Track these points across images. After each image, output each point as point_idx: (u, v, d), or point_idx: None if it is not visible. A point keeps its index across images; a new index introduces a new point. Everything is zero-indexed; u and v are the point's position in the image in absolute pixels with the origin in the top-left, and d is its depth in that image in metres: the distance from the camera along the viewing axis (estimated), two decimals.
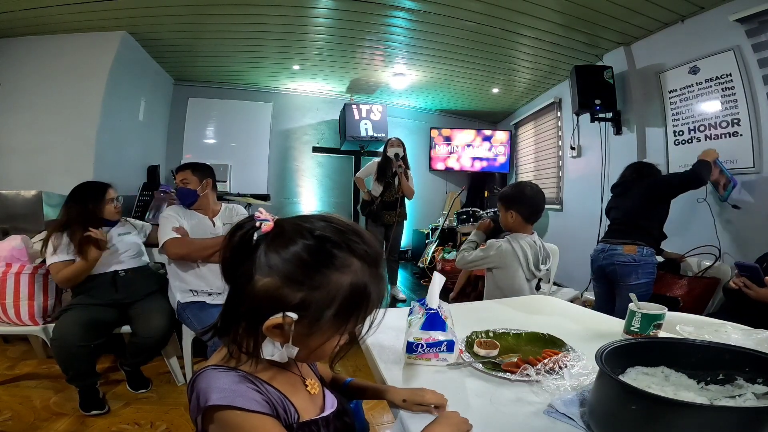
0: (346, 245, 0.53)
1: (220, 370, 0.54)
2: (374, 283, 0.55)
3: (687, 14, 2.84)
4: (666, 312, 0.99)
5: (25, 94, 3.15)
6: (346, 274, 0.52)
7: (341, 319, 0.53)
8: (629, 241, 2.16)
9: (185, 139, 4.68)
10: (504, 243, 1.68)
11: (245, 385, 0.52)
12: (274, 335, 0.52)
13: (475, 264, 1.76)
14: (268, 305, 0.51)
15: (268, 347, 0.53)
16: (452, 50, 3.69)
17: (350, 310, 0.53)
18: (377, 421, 1.73)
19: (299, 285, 0.50)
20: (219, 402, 0.49)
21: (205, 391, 0.50)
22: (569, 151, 4.14)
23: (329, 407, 0.64)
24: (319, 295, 0.51)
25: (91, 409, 1.71)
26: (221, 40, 3.60)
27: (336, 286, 0.51)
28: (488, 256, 1.69)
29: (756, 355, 0.65)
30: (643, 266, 2.12)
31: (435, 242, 4.63)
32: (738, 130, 2.63)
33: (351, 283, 0.52)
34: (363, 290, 0.53)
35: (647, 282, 2.12)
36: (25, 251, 2.05)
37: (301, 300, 0.50)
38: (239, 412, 0.49)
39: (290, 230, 0.53)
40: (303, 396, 0.61)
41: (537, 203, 1.73)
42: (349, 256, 0.53)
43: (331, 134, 5.28)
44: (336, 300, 0.51)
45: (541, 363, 0.82)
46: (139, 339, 1.81)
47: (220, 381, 0.51)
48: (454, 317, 0.97)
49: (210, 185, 2.01)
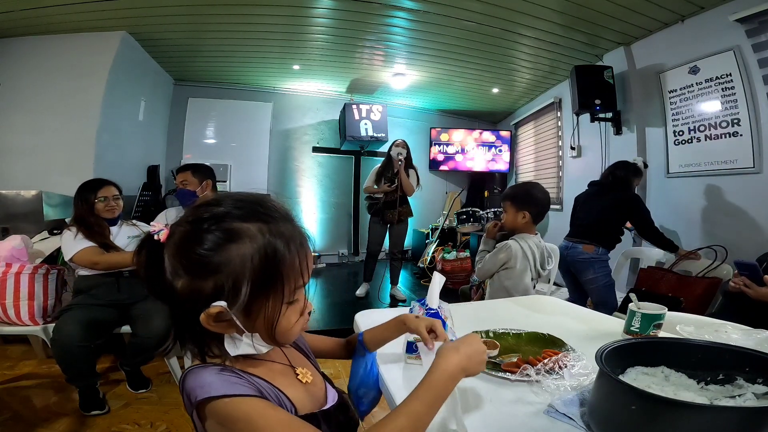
0: (228, 216, 0.51)
1: (204, 366, 0.53)
2: (281, 239, 0.52)
3: (687, 14, 2.84)
4: (666, 312, 0.99)
5: (25, 94, 3.15)
6: (243, 243, 0.50)
7: (268, 287, 0.51)
8: (588, 241, 2.46)
9: (185, 139, 4.68)
10: (514, 243, 1.68)
11: (227, 374, 0.51)
12: (224, 329, 0.52)
13: (494, 270, 1.72)
14: (194, 304, 0.50)
15: (230, 343, 0.53)
16: (452, 50, 3.69)
17: (270, 274, 0.51)
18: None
19: (204, 273, 0.49)
20: (206, 395, 0.48)
21: (192, 388, 0.50)
22: (569, 151, 4.14)
23: (330, 401, 0.64)
24: (228, 274, 0.49)
25: (91, 410, 1.71)
26: (221, 40, 3.60)
27: (239, 258, 0.49)
28: (503, 257, 1.68)
29: (756, 355, 0.65)
30: (599, 263, 2.45)
31: (435, 242, 4.63)
32: (738, 130, 2.63)
33: (256, 248, 0.50)
34: (271, 251, 0.51)
35: (604, 274, 2.46)
36: (25, 251, 2.05)
37: (214, 287, 0.49)
38: (227, 400, 0.48)
39: (178, 228, 0.52)
40: (296, 387, 0.60)
41: (546, 204, 1.75)
42: (236, 224, 0.51)
43: (331, 134, 5.28)
44: (247, 272, 0.50)
45: (541, 363, 0.82)
46: (139, 339, 1.81)
47: (204, 376, 0.51)
48: (454, 317, 0.97)
49: (210, 186, 2.01)
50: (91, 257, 1.82)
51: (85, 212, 1.90)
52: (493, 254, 1.71)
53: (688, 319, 1.25)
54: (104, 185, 1.95)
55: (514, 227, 1.74)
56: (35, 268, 1.95)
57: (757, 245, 2.25)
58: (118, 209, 1.98)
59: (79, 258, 1.82)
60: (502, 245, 1.70)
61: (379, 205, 3.38)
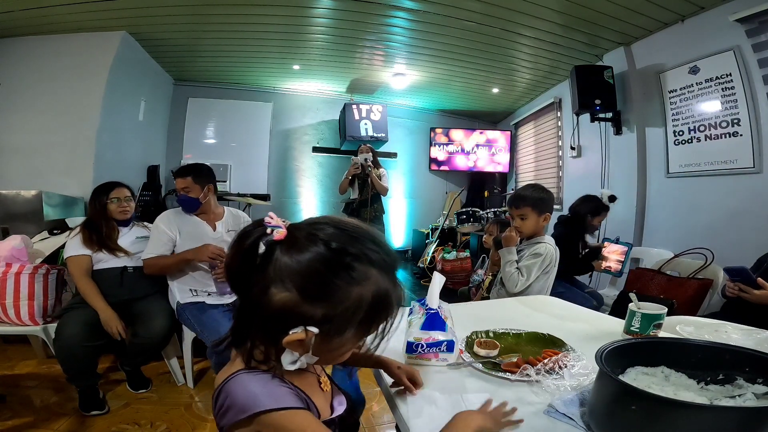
0: (364, 256, 0.51)
1: (252, 373, 0.53)
2: (394, 289, 0.53)
3: (687, 14, 2.84)
4: (666, 312, 0.99)
5: (25, 94, 3.15)
6: (366, 286, 0.50)
7: (364, 329, 0.53)
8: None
9: (185, 139, 4.68)
10: (550, 246, 1.66)
11: (277, 384, 0.52)
12: (294, 347, 0.51)
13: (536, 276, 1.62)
14: (287, 320, 0.49)
15: (288, 357, 0.53)
16: (452, 50, 3.69)
17: (372, 319, 0.52)
18: (377, 421, 1.72)
19: (320, 301, 0.49)
20: (262, 407, 0.48)
21: (243, 396, 0.50)
22: (569, 151, 4.14)
23: (337, 404, 0.65)
24: (342, 310, 0.49)
25: (91, 410, 1.71)
26: (221, 40, 3.60)
27: (357, 300, 0.50)
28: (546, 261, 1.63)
29: (756, 355, 0.65)
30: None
31: (435, 242, 4.63)
32: (738, 130, 2.62)
33: (372, 294, 0.51)
34: (384, 299, 0.52)
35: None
36: (25, 251, 2.05)
37: (322, 316, 0.49)
38: (282, 412, 0.49)
39: (306, 240, 0.50)
40: (319, 395, 0.61)
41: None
42: (368, 268, 0.51)
43: (331, 134, 5.28)
44: (359, 313, 0.50)
45: (541, 363, 0.82)
46: (139, 340, 1.81)
47: (252, 385, 0.51)
48: (454, 317, 0.97)
49: (212, 191, 2.01)
50: (74, 268, 1.87)
51: (97, 214, 1.95)
52: (538, 263, 1.61)
53: (688, 319, 1.26)
54: (116, 187, 1.99)
55: (536, 231, 1.71)
56: (35, 268, 1.95)
57: (758, 245, 2.24)
58: (130, 210, 2.02)
59: (68, 262, 1.89)
60: (540, 248, 1.64)
61: (354, 206, 3.71)
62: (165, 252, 1.88)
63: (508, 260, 1.65)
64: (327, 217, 0.54)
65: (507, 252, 1.67)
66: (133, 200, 2.05)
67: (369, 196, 3.65)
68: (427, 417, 0.69)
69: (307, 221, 0.54)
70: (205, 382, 2.06)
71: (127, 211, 1.99)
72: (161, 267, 1.88)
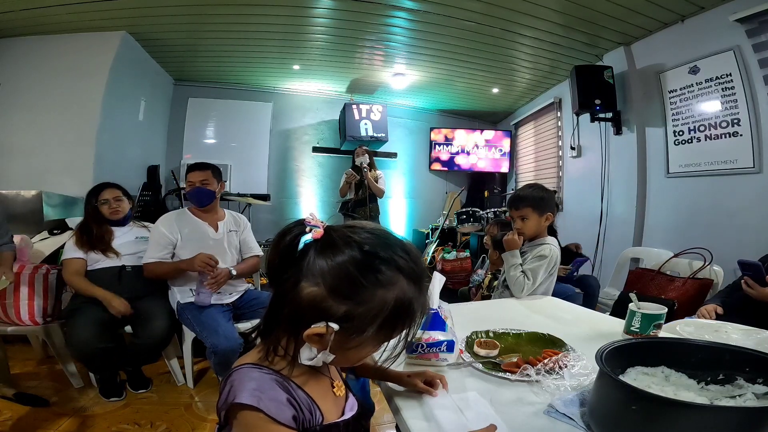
0: (393, 262, 0.53)
1: (256, 369, 0.54)
2: (418, 299, 0.55)
3: (687, 14, 2.84)
4: (666, 312, 0.99)
5: (25, 94, 3.14)
6: (391, 290, 0.52)
7: (384, 333, 0.54)
8: None
9: (185, 139, 4.68)
10: (553, 247, 1.62)
11: (278, 389, 0.52)
12: (313, 342, 0.53)
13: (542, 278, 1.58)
14: (312, 314, 0.51)
15: (306, 352, 0.54)
16: (452, 50, 3.69)
17: (394, 325, 0.53)
18: (377, 421, 1.72)
19: (345, 298, 0.51)
20: (246, 401, 0.49)
21: (236, 387, 0.51)
22: (569, 151, 4.14)
23: (348, 409, 0.65)
24: (364, 310, 0.51)
25: (111, 396, 1.81)
26: (221, 40, 3.60)
27: (381, 303, 0.51)
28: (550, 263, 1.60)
29: (756, 355, 0.65)
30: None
31: (435, 242, 4.62)
32: (738, 130, 2.62)
33: (396, 299, 0.52)
34: (407, 307, 0.53)
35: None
36: (25, 251, 2.05)
37: (345, 313, 0.51)
38: (263, 416, 0.49)
39: (340, 241, 0.52)
40: (329, 399, 0.61)
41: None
42: (395, 273, 0.52)
43: (331, 134, 5.28)
44: (380, 316, 0.51)
45: (541, 363, 0.82)
46: (140, 340, 1.81)
47: (253, 380, 0.52)
48: (454, 317, 0.97)
49: (223, 187, 2.07)
50: (66, 271, 1.90)
51: (90, 217, 1.97)
52: (544, 265, 1.57)
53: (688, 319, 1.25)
54: (105, 188, 1.99)
55: (538, 232, 1.66)
56: (35, 268, 1.95)
57: (758, 245, 2.24)
58: (122, 210, 2.01)
59: (63, 264, 1.92)
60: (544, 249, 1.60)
61: (350, 206, 3.85)
62: (164, 255, 1.89)
63: (513, 264, 1.59)
64: (363, 223, 0.57)
65: (510, 256, 1.61)
66: (127, 199, 2.05)
67: (365, 197, 3.76)
68: (428, 417, 0.69)
69: (344, 224, 0.57)
70: (205, 382, 2.06)
71: (119, 212, 2.00)
72: (159, 274, 1.90)
